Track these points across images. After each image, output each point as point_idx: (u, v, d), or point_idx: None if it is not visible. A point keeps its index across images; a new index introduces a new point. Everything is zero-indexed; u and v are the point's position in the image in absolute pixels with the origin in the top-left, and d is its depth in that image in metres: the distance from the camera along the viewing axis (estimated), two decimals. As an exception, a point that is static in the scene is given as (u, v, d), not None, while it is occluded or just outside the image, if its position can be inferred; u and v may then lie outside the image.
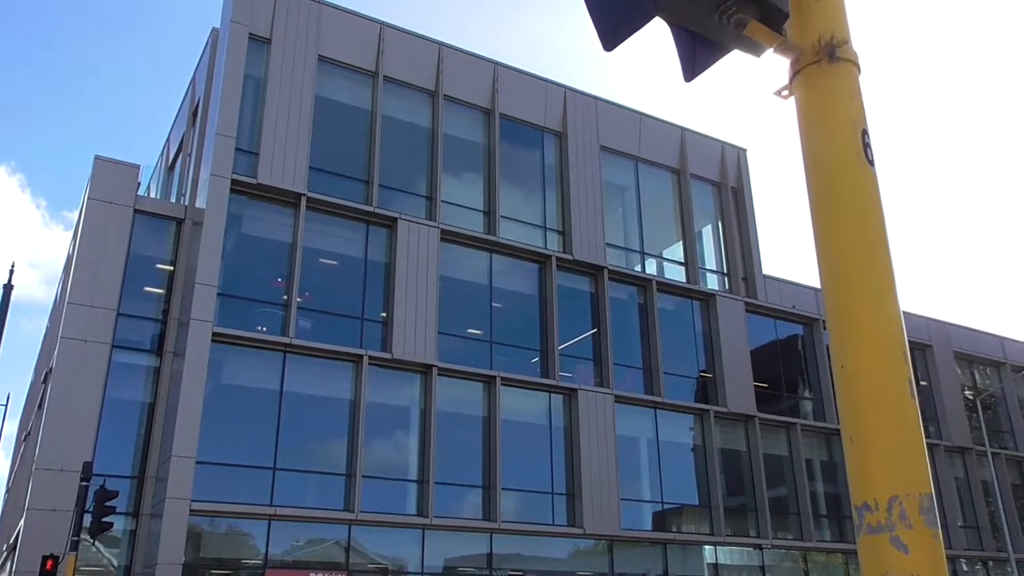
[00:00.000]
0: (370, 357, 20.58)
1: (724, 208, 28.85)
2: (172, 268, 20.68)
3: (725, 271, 28.31)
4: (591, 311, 24.97)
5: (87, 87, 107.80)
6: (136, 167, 21.01)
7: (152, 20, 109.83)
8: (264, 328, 20.00)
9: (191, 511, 17.45)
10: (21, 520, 18.97)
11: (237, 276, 20.18)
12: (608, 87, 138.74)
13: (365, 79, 23.16)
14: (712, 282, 27.86)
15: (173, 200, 25.10)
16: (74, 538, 15.95)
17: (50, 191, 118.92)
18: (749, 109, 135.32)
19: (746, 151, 29.95)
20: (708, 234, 28.80)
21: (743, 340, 27.22)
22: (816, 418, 28.91)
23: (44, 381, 22.70)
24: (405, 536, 20.20)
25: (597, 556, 22.85)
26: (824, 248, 2.68)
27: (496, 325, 23.26)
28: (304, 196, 20.88)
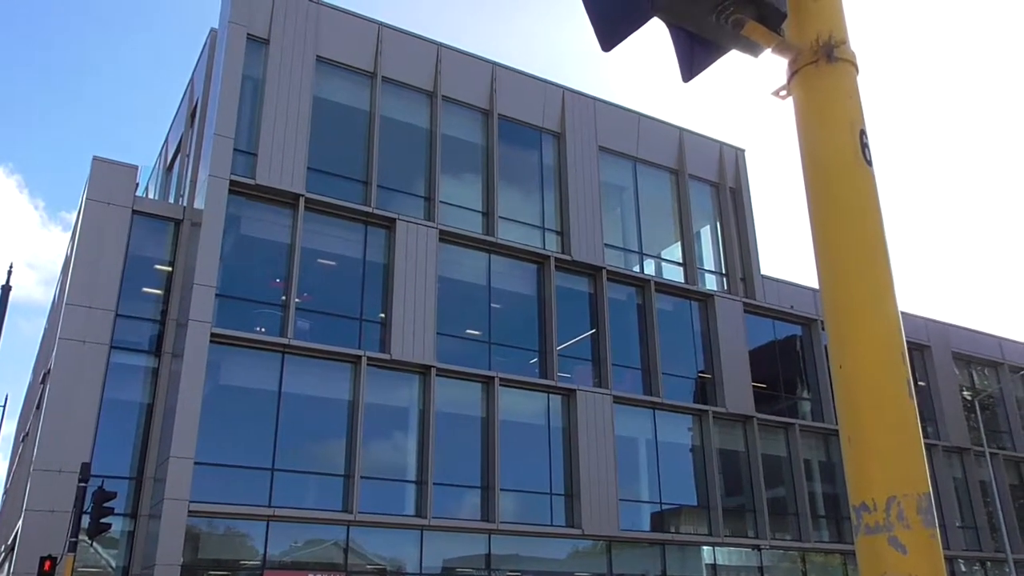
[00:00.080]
0: (368, 358, 20.58)
1: (722, 208, 28.86)
2: (170, 269, 20.67)
3: (723, 271, 28.31)
4: (590, 312, 24.97)
5: (85, 87, 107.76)
6: (134, 168, 21.01)
7: (151, 20, 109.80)
8: (262, 329, 19.99)
9: (189, 512, 17.44)
10: (19, 521, 18.96)
11: (235, 277, 20.18)
12: (606, 87, 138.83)
13: (363, 80, 23.16)
14: (710, 282, 27.86)
15: (171, 201, 25.09)
16: (72, 539, 15.93)
17: (48, 192, 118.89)
18: (747, 109, 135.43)
19: (744, 151, 29.98)
20: (706, 234, 28.80)
21: (742, 340, 27.23)
22: (814, 418, 28.92)
23: (42, 382, 22.68)
24: (403, 537, 20.19)
25: (595, 557, 22.85)
26: (822, 248, 2.68)
27: (495, 326, 23.26)
28: (302, 197, 20.87)
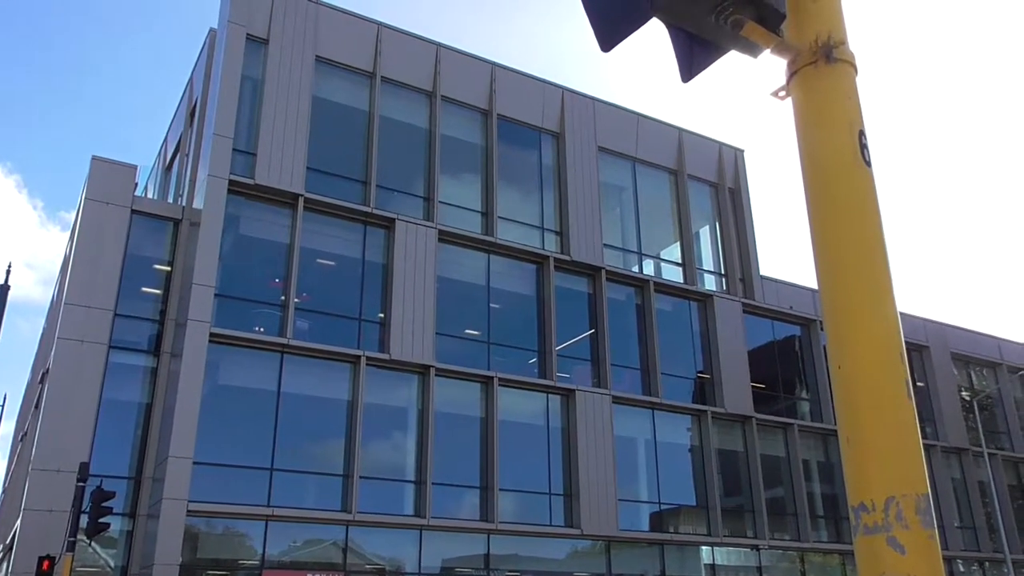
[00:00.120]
0: (368, 358, 20.57)
1: (721, 209, 28.86)
2: (169, 268, 20.66)
3: (722, 272, 28.32)
4: (589, 312, 24.97)
5: (85, 87, 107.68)
6: (133, 167, 20.99)
7: (150, 20, 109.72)
8: (261, 329, 19.98)
9: (188, 512, 17.43)
10: (17, 521, 18.95)
11: (234, 277, 20.17)
12: (605, 88, 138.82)
13: (363, 80, 23.15)
14: (709, 283, 27.86)
15: (170, 200, 25.07)
16: (71, 539, 15.92)
17: (47, 191, 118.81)
18: (746, 110, 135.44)
19: (743, 152, 29.99)
20: (705, 235, 28.80)
21: (740, 341, 27.23)
22: (813, 419, 28.93)
23: (41, 381, 22.66)
24: (402, 537, 20.19)
25: (594, 557, 22.85)
26: (821, 249, 2.68)
27: (494, 326, 23.25)
28: (301, 197, 20.86)
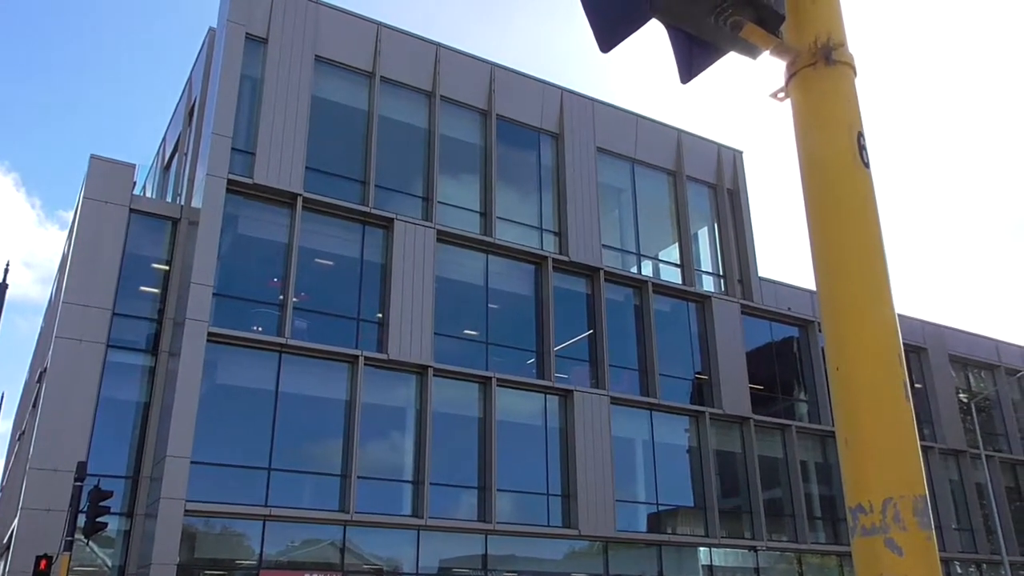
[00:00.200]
0: (366, 358, 20.57)
1: (720, 210, 28.87)
2: (168, 268, 20.65)
3: (721, 273, 28.33)
4: (587, 312, 24.97)
5: (83, 86, 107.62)
6: (132, 166, 20.97)
7: (149, 20, 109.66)
8: (260, 328, 19.97)
9: (186, 511, 17.41)
10: (15, 520, 18.93)
11: (233, 276, 20.16)
12: (604, 89, 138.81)
13: (362, 79, 23.15)
14: (708, 284, 27.87)
15: (169, 200, 25.06)
16: (68, 538, 15.91)
17: (45, 190, 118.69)
18: (745, 111, 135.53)
19: (742, 153, 30.00)
20: (704, 236, 28.81)
21: (739, 342, 27.24)
22: (811, 420, 28.94)
23: (39, 380, 22.65)
24: (400, 537, 20.18)
25: (592, 558, 22.85)
26: (820, 250, 2.68)
27: (492, 326, 23.25)
28: (300, 196, 20.85)
